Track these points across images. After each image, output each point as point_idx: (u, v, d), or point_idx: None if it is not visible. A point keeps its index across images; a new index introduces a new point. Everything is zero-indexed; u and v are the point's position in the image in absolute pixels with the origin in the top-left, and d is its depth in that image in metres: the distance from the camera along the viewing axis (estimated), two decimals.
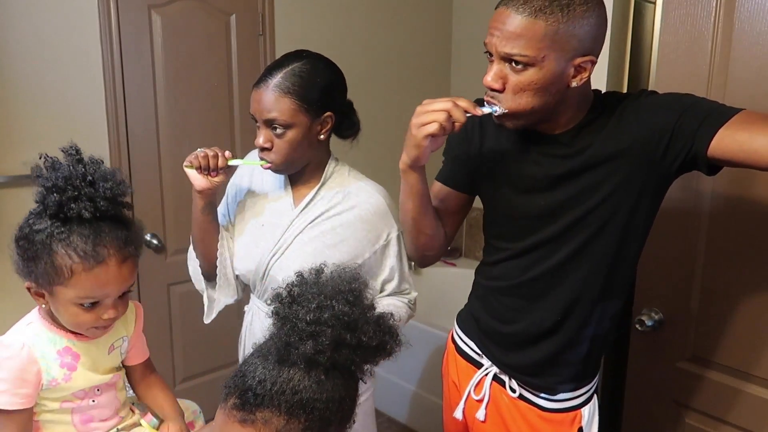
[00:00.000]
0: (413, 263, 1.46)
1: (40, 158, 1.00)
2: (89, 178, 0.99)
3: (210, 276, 1.47)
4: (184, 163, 1.33)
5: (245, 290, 1.52)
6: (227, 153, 1.34)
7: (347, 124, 1.41)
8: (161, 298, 2.44)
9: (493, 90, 1.11)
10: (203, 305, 1.48)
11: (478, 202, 1.36)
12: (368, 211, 1.37)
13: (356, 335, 0.78)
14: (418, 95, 3.07)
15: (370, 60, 2.87)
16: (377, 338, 0.80)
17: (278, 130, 1.29)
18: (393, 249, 1.40)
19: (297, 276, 0.84)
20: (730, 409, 1.48)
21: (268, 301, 0.85)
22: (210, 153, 1.32)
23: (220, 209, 1.50)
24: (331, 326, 0.76)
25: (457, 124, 1.10)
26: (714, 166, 1.10)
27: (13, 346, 1.04)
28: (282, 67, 1.29)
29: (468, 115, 1.10)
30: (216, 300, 1.47)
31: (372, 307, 0.82)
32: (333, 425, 0.80)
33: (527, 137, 1.20)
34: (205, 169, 1.32)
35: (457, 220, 1.37)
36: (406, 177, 1.21)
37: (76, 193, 0.97)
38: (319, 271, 0.84)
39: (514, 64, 1.06)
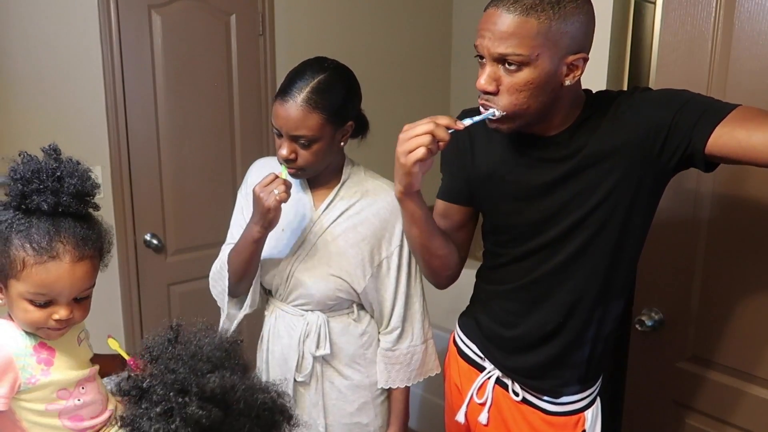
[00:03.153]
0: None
1: (19, 155, 1.00)
2: (58, 173, 0.98)
3: (235, 292, 1.46)
4: (278, 204, 1.26)
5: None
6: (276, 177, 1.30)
7: (360, 125, 1.43)
8: (161, 298, 2.43)
9: (486, 93, 1.09)
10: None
11: None
12: (386, 209, 1.39)
13: None
14: (419, 96, 3.09)
15: (370, 60, 2.87)
16: (262, 426, 0.71)
17: (304, 143, 1.29)
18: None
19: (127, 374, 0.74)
20: (731, 410, 1.48)
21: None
22: (280, 180, 1.27)
23: (240, 224, 1.46)
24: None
25: (441, 143, 1.09)
26: (711, 163, 1.09)
27: None
28: (306, 80, 1.28)
29: (451, 131, 1.09)
30: (237, 317, 1.47)
31: (251, 388, 0.72)
32: None
33: (521, 142, 1.18)
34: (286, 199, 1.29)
35: (466, 234, 1.35)
36: (405, 205, 1.20)
37: (41, 186, 0.97)
38: (172, 341, 0.72)
39: (507, 65, 1.05)
